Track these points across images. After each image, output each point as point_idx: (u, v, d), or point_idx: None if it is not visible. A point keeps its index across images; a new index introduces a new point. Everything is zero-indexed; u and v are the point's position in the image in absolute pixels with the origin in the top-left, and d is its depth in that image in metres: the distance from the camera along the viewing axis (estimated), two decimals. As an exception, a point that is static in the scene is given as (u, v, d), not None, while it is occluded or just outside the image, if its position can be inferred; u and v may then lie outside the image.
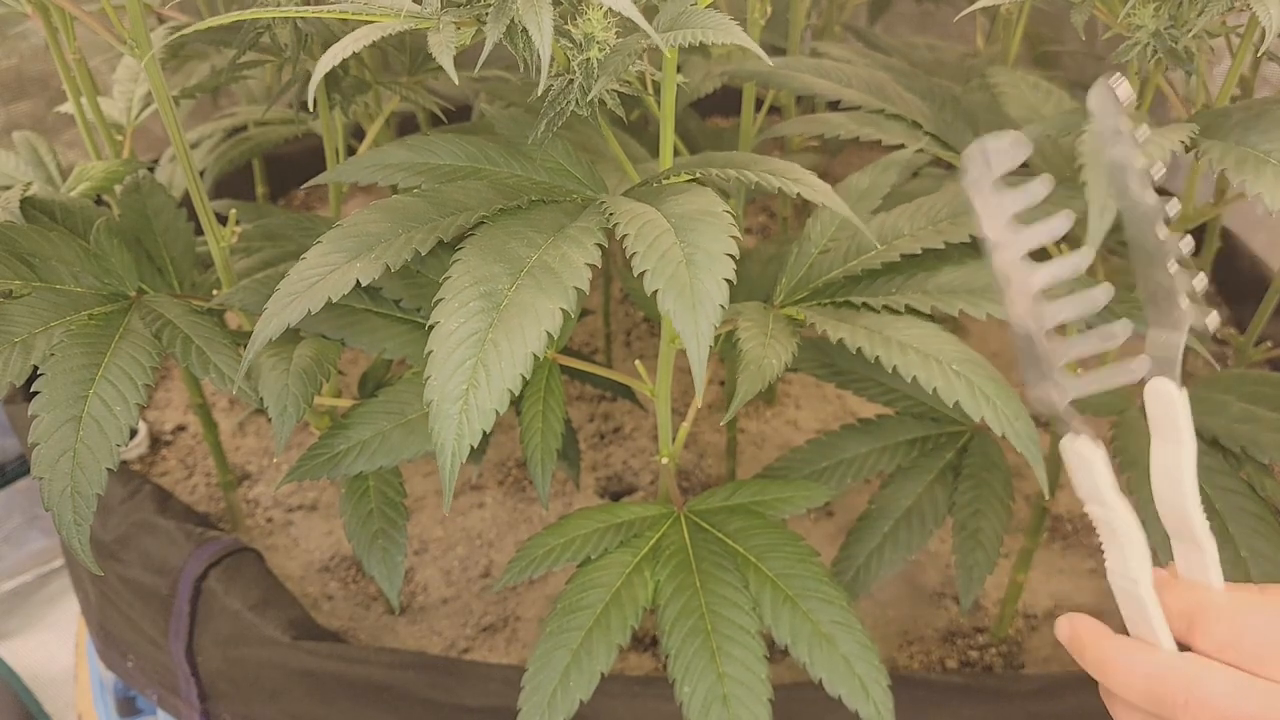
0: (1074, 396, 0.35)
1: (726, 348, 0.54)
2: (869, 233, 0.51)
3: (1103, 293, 0.34)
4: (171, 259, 0.60)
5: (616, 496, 0.77)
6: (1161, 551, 0.40)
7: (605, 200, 0.44)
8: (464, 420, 0.37)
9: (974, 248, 0.52)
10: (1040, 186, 0.33)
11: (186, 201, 0.59)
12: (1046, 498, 0.49)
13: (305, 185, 0.54)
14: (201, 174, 0.80)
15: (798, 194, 0.41)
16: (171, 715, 0.65)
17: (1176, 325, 0.35)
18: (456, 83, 0.38)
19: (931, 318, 0.48)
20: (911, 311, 0.48)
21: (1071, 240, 0.37)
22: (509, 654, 0.66)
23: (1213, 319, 0.34)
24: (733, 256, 0.38)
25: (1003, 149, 0.33)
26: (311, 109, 0.46)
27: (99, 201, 0.63)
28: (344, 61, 0.52)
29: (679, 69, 0.42)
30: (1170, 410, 0.35)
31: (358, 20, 0.39)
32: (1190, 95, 0.65)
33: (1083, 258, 0.34)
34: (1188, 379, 0.41)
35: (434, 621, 0.68)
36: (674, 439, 0.53)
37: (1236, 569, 0.50)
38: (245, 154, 0.84)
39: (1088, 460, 0.36)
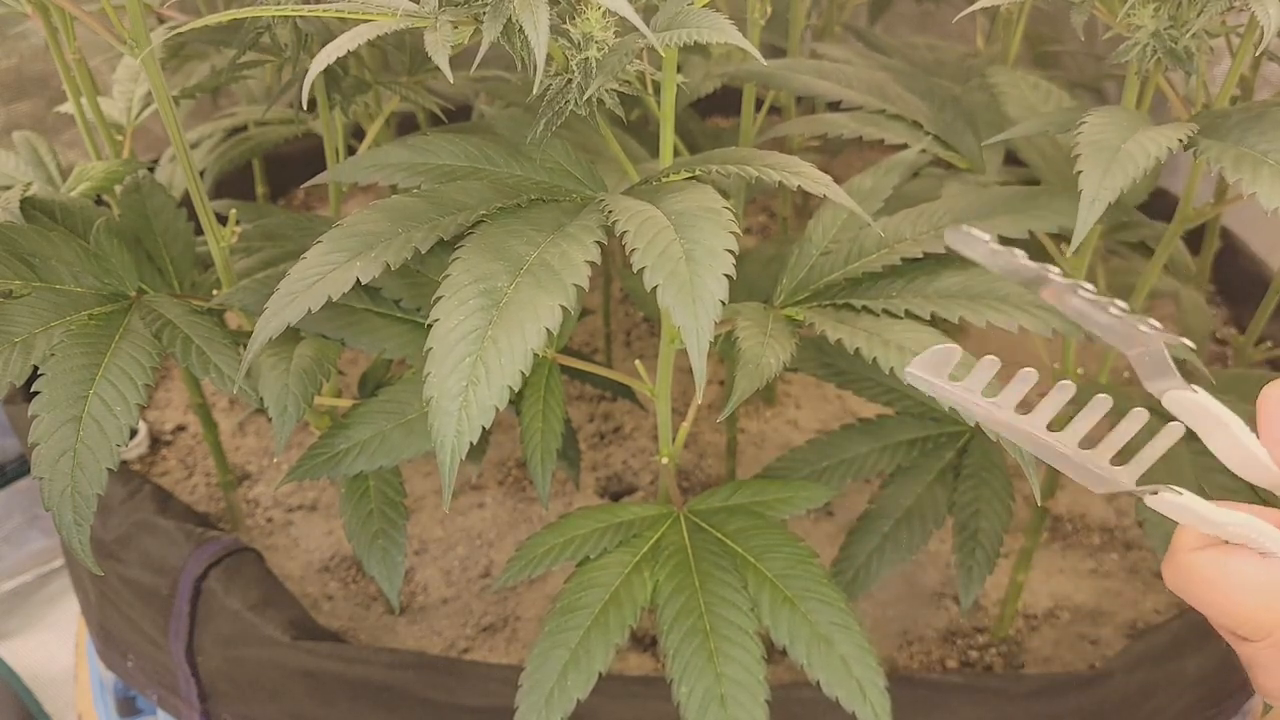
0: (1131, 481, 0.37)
1: (726, 347, 0.54)
2: (877, 228, 0.51)
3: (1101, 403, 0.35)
4: (171, 259, 0.60)
5: (616, 496, 0.77)
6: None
7: (605, 198, 0.44)
8: (463, 417, 0.37)
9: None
10: (986, 369, 0.35)
11: (186, 201, 0.59)
12: (1038, 502, 0.49)
13: (305, 185, 0.54)
14: (201, 174, 0.80)
15: (798, 188, 0.41)
16: (171, 715, 0.65)
17: (1149, 343, 0.36)
18: (453, 82, 0.38)
19: (931, 323, 0.48)
20: (911, 316, 0.48)
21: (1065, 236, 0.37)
22: (509, 654, 0.66)
23: (1175, 339, 0.36)
24: (732, 252, 0.38)
25: (932, 361, 0.35)
26: (309, 108, 0.46)
27: (99, 201, 0.63)
28: (343, 61, 0.52)
29: (679, 69, 0.42)
30: (1196, 408, 0.36)
31: (356, 19, 0.39)
32: (1190, 95, 0.65)
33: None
34: (1189, 379, 0.41)
35: (434, 621, 0.68)
36: (674, 439, 0.53)
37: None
38: (245, 154, 0.84)
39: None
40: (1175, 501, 0.36)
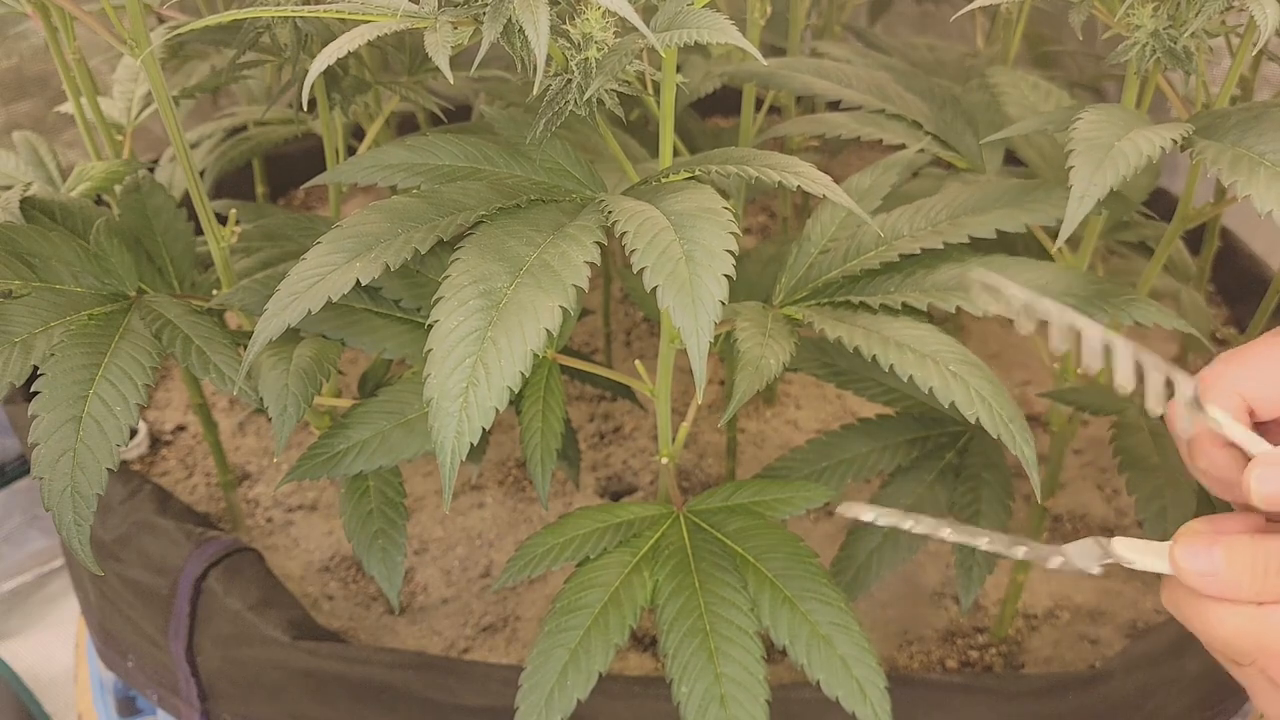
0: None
1: (726, 347, 0.54)
2: (875, 226, 0.51)
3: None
4: (171, 259, 0.60)
5: (616, 496, 0.77)
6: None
7: (604, 199, 0.44)
8: (464, 418, 0.37)
9: (972, 248, 0.52)
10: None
11: (186, 201, 0.59)
12: (1039, 502, 0.49)
13: (305, 185, 0.54)
14: (201, 174, 0.80)
15: (798, 187, 0.41)
16: (171, 715, 0.65)
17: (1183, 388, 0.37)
18: (453, 82, 0.38)
19: (929, 317, 0.48)
20: (909, 310, 0.48)
21: (1071, 239, 0.37)
22: (509, 654, 0.66)
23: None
24: (732, 253, 0.38)
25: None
26: (309, 108, 0.46)
27: (99, 201, 0.63)
28: (343, 61, 0.52)
29: (679, 69, 0.42)
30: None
31: (356, 20, 0.39)
32: (1190, 95, 0.65)
33: None
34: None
35: (434, 621, 0.68)
36: (674, 439, 0.53)
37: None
38: (245, 154, 0.84)
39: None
40: (1096, 552, 0.39)
